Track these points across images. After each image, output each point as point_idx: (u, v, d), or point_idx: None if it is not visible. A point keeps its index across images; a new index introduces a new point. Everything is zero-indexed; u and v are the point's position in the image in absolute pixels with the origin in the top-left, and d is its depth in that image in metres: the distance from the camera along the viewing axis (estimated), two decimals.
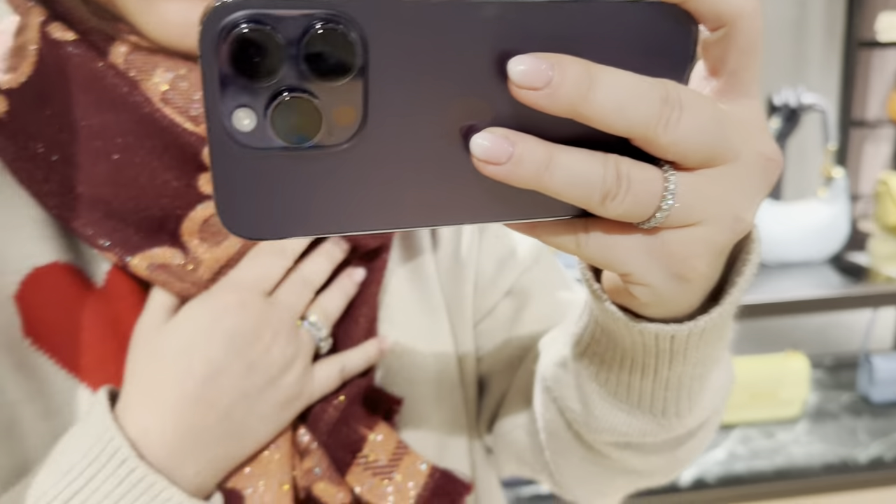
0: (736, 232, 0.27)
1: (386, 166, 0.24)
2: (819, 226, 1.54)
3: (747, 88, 0.27)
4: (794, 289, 1.44)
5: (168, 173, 0.39)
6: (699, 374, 0.34)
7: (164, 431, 0.38)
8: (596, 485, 0.47)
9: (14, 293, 0.40)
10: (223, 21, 0.21)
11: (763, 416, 1.68)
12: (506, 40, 0.23)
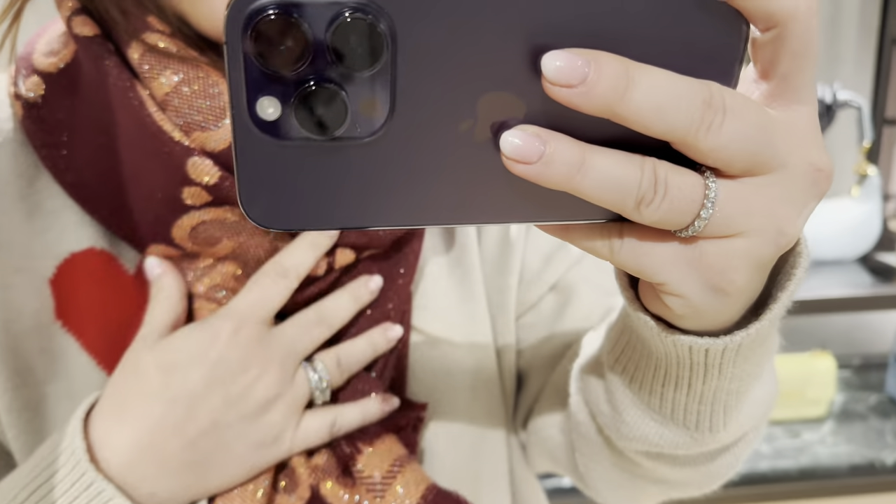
0: (779, 246, 0.25)
1: (411, 161, 0.23)
2: (851, 225, 1.52)
3: (800, 94, 0.24)
4: (823, 287, 1.43)
5: (155, 180, 0.39)
6: (736, 390, 0.32)
7: (123, 444, 0.37)
8: (626, 491, 0.46)
9: (50, 277, 0.41)
10: (249, 8, 0.20)
11: (789, 416, 1.66)
12: (540, 34, 0.21)
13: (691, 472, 0.40)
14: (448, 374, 0.47)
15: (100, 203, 0.41)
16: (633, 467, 0.42)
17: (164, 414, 0.38)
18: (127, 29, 0.38)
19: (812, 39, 0.23)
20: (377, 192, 0.23)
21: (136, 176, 0.39)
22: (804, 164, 0.24)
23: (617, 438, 0.39)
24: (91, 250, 0.41)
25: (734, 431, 0.36)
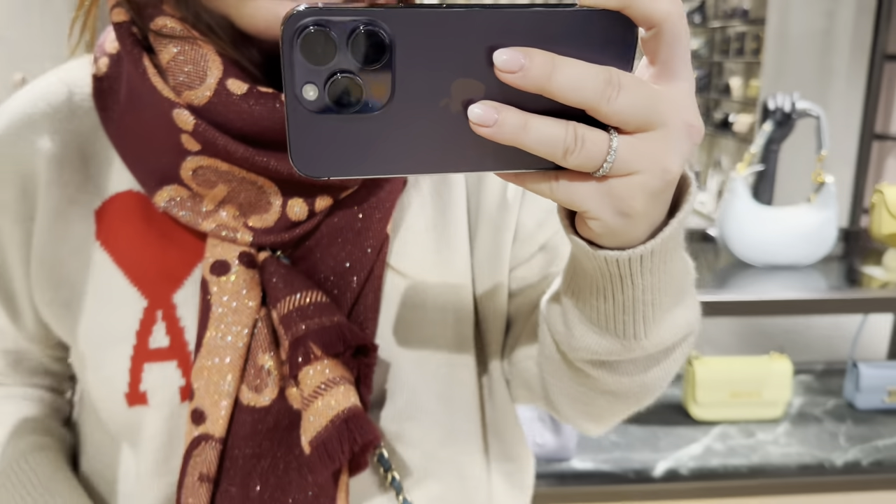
0: (665, 181, 0.34)
1: (408, 128, 0.32)
2: (808, 231, 1.56)
3: (677, 73, 0.34)
4: (780, 290, 1.47)
5: (161, 130, 0.49)
6: (650, 301, 0.41)
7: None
8: (582, 404, 0.53)
9: (97, 209, 0.53)
10: (297, 24, 0.30)
11: (745, 416, 1.70)
12: (492, 38, 0.31)
13: (629, 381, 0.48)
14: (417, 308, 0.54)
15: (132, 153, 0.51)
16: (584, 378, 0.50)
17: None
18: (143, 15, 0.48)
19: (681, 33, 0.32)
20: (384, 150, 0.33)
21: (151, 129, 0.49)
22: (680, 123, 0.34)
23: (569, 351, 0.47)
24: (129, 192, 0.53)
25: (656, 342, 0.44)
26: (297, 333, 0.48)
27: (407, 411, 0.55)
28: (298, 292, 0.49)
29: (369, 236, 0.51)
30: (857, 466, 1.56)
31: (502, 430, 0.62)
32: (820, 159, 1.56)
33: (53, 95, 0.54)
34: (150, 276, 0.51)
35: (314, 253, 0.51)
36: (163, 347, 0.51)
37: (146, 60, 0.48)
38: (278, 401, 0.50)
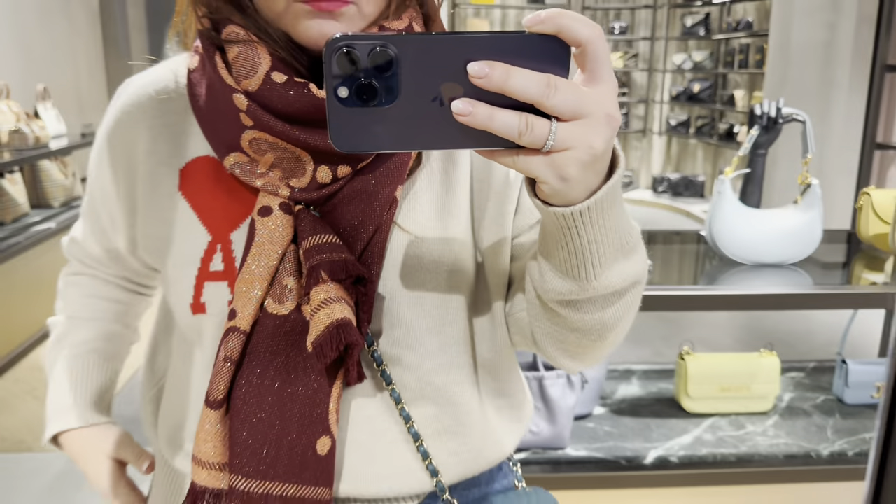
0: (592, 155, 0.46)
1: (410, 117, 0.45)
2: (794, 231, 1.63)
3: (600, 78, 0.45)
4: (768, 286, 1.54)
5: (228, 110, 0.62)
6: (595, 251, 0.53)
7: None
8: (558, 342, 0.64)
9: (181, 168, 0.68)
10: (334, 46, 0.43)
11: (735, 409, 1.77)
12: (467, 54, 0.44)
13: (589, 318, 0.59)
14: (416, 259, 0.67)
15: (209, 127, 0.66)
16: (556, 318, 0.61)
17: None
18: (219, 25, 0.63)
19: (600, 50, 0.44)
20: (393, 132, 0.45)
21: (221, 109, 0.63)
22: (602, 114, 0.45)
23: (542, 294, 0.59)
24: (206, 157, 0.68)
25: (605, 284, 0.55)
26: (312, 263, 0.61)
27: (403, 341, 0.66)
28: (319, 234, 0.62)
29: (379, 198, 0.64)
30: (843, 457, 1.63)
31: (496, 370, 0.73)
32: (805, 162, 1.63)
33: (161, 82, 0.71)
34: (215, 219, 0.67)
35: (337, 209, 0.64)
36: (219, 270, 0.66)
37: (217, 57, 0.63)
38: (295, 312, 0.63)
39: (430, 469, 0.69)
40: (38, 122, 3.75)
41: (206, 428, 0.63)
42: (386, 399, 0.67)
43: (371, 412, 0.67)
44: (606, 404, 1.80)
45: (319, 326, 0.59)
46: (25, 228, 3.51)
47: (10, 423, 2.70)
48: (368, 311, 0.63)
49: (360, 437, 0.67)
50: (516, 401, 0.76)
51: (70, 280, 0.86)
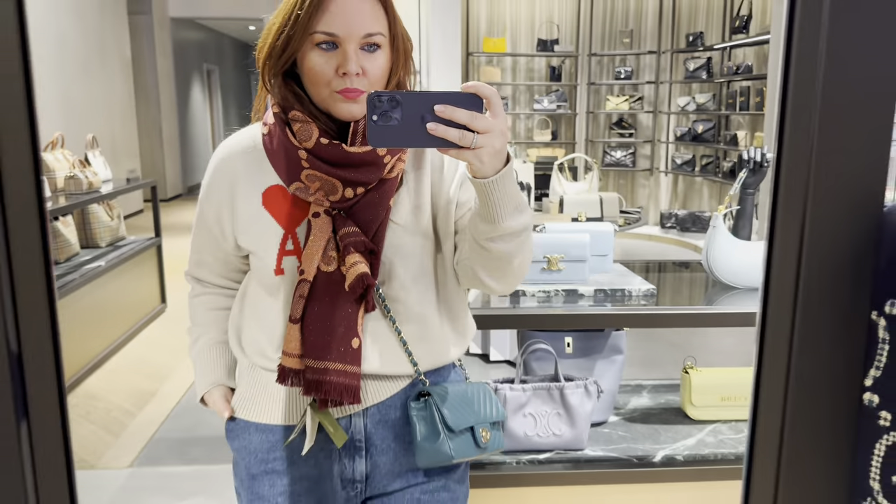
0: (496, 150, 0.87)
1: (407, 130, 0.84)
2: None
3: (497, 114, 0.87)
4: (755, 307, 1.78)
5: (293, 158, 1.02)
6: (501, 205, 0.93)
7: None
8: (486, 269, 1.04)
9: (262, 191, 1.08)
10: (370, 97, 0.83)
11: (734, 416, 2.00)
12: (435, 100, 0.85)
13: (504, 247, 0.99)
14: (402, 237, 1.09)
15: (279, 168, 1.05)
16: (483, 251, 1.01)
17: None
18: (286, 110, 1.04)
19: (495, 100, 0.86)
20: (399, 138, 0.85)
21: (288, 157, 1.02)
22: (498, 130, 0.87)
23: (476, 235, 1.00)
24: (277, 185, 1.08)
25: (507, 226, 0.95)
26: (345, 242, 1.03)
27: (396, 287, 1.09)
28: (347, 226, 1.03)
29: (381, 206, 1.05)
30: None
31: (450, 301, 1.16)
32: None
33: (245, 141, 1.12)
34: (285, 220, 1.07)
35: (356, 212, 1.04)
36: (290, 249, 1.07)
37: (287, 129, 1.03)
38: (336, 270, 1.03)
39: (411, 360, 1.11)
40: (90, 169, 4.07)
41: (290, 335, 1.04)
42: (387, 321, 1.10)
43: (379, 328, 1.09)
44: (620, 413, 2.04)
45: (351, 276, 1.01)
46: (77, 267, 3.80)
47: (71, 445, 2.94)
48: (376, 270, 1.05)
49: (373, 341, 1.08)
50: (462, 322, 1.19)
51: (194, 301, 1.24)
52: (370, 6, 0.98)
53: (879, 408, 0.64)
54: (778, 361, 0.57)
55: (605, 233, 1.95)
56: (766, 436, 0.58)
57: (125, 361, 3.91)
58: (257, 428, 1.12)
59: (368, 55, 0.99)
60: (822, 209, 0.53)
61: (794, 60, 0.50)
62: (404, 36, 1.05)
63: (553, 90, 7.38)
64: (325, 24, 0.96)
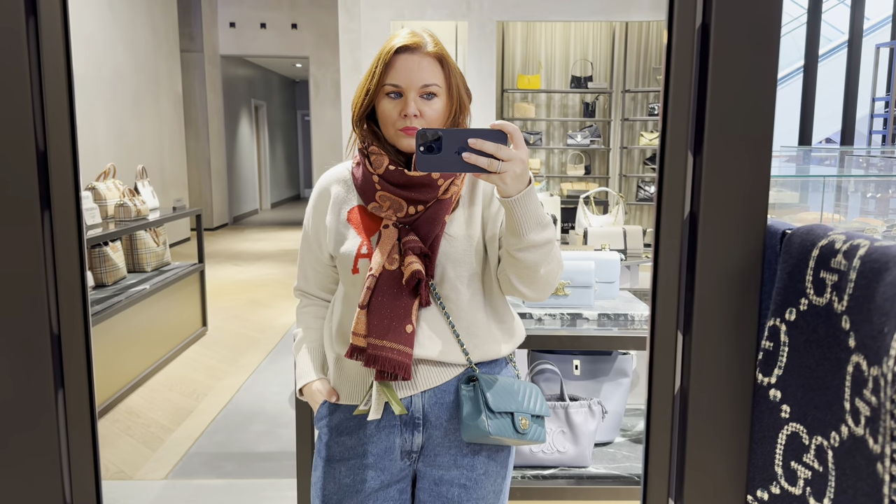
0: (517, 175, 1.11)
1: (447, 159, 1.09)
2: None
3: (519, 146, 1.11)
4: None
5: (369, 183, 1.30)
6: (524, 220, 1.18)
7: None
8: (520, 278, 1.25)
9: (347, 210, 1.35)
10: (418, 133, 1.08)
11: None
12: (469, 135, 1.09)
13: (531, 256, 1.21)
14: (455, 248, 1.30)
15: (361, 192, 1.32)
16: (516, 261, 1.23)
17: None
18: (366, 145, 1.32)
19: (517, 135, 1.10)
20: (440, 164, 1.09)
21: (367, 182, 1.30)
22: (521, 160, 1.11)
23: (507, 247, 1.23)
24: (359, 205, 1.34)
25: (531, 239, 1.19)
26: (406, 247, 1.25)
27: (448, 287, 1.30)
28: (409, 236, 1.26)
29: (437, 221, 1.27)
30: None
31: (495, 305, 1.35)
32: None
33: (338, 173, 1.38)
34: (363, 231, 1.31)
35: (418, 225, 1.27)
36: (364, 253, 1.29)
37: (366, 159, 1.30)
38: (397, 269, 1.26)
39: (463, 350, 1.31)
40: (138, 198, 4.31)
41: (359, 318, 1.26)
42: (443, 316, 1.31)
43: (436, 321, 1.30)
44: (627, 434, 2.11)
45: (407, 272, 1.24)
46: (124, 290, 4.02)
47: (111, 457, 3.11)
48: (431, 270, 1.28)
49: (427, 331, 1.29)
50: (509, 325, 1.39)
51: (301, 311, 1.49)
52: (428, 63, 1.26)
53: (782, 401, 0.74)
54: (668, 371, 0.67)
55: (611, 261, 2.05)
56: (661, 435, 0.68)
57: (165, 380, 4.10)
58: (339, 408, 1.37)
59: (426, 101, 1.25)
60: (712, 233, 0.64)
61: (672, 82, 0.61)
62: (461, 87, 1.31)
63: (587, 126, 7.50)
64: (392, 78, 1.25)
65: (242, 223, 11.72)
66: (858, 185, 4.30)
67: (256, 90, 12.99)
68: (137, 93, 7.94)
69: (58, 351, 0.63)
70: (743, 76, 0.63)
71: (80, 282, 0.63)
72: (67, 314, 0.62)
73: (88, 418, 0.65)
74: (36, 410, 0.64)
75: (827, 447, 0.69)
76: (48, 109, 0.59)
